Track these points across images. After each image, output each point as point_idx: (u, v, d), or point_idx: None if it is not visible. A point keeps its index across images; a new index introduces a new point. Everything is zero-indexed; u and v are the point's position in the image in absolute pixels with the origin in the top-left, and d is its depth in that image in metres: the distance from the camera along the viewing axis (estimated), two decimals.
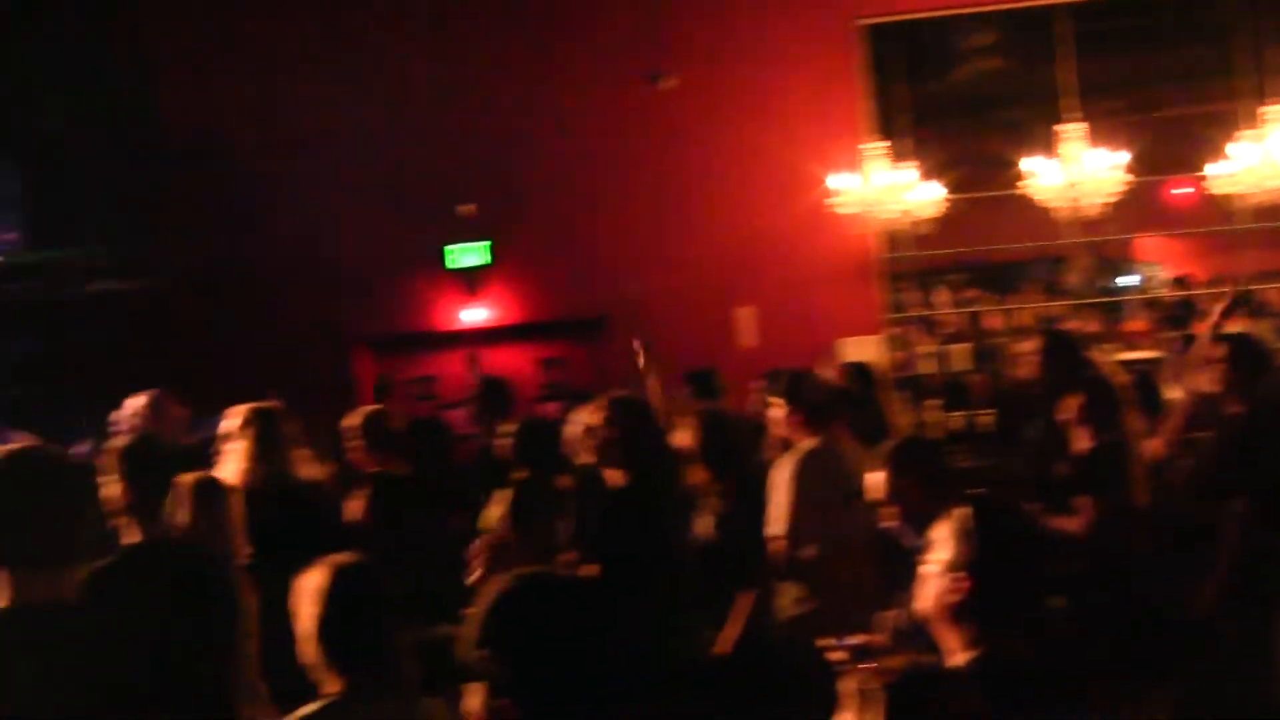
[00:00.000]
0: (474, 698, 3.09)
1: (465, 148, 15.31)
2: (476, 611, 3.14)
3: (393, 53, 15.55)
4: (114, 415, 9.21)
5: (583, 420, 7.49)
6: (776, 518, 7.53)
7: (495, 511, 5.98)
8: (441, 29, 15.59)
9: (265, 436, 7.28)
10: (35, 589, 4.02)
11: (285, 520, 5.49)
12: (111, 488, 5.79)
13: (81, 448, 9.29)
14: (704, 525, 7.27)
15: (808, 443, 7.87)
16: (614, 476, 7.19)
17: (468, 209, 15.43)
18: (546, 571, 3.42)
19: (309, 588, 4.34)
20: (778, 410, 8.25)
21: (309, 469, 7.51)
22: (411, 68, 15.46)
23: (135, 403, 8.93)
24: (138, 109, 15.28)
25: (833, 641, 4.22)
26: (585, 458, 7.41)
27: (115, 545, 5.67)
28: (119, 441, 6.30)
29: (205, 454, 7.51)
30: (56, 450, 4.69)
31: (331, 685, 4.26)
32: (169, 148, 15.43)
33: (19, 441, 9.04)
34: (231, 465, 7.20)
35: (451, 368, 15.56)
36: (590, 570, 5.95)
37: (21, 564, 4.03)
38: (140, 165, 15.17)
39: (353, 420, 8.50)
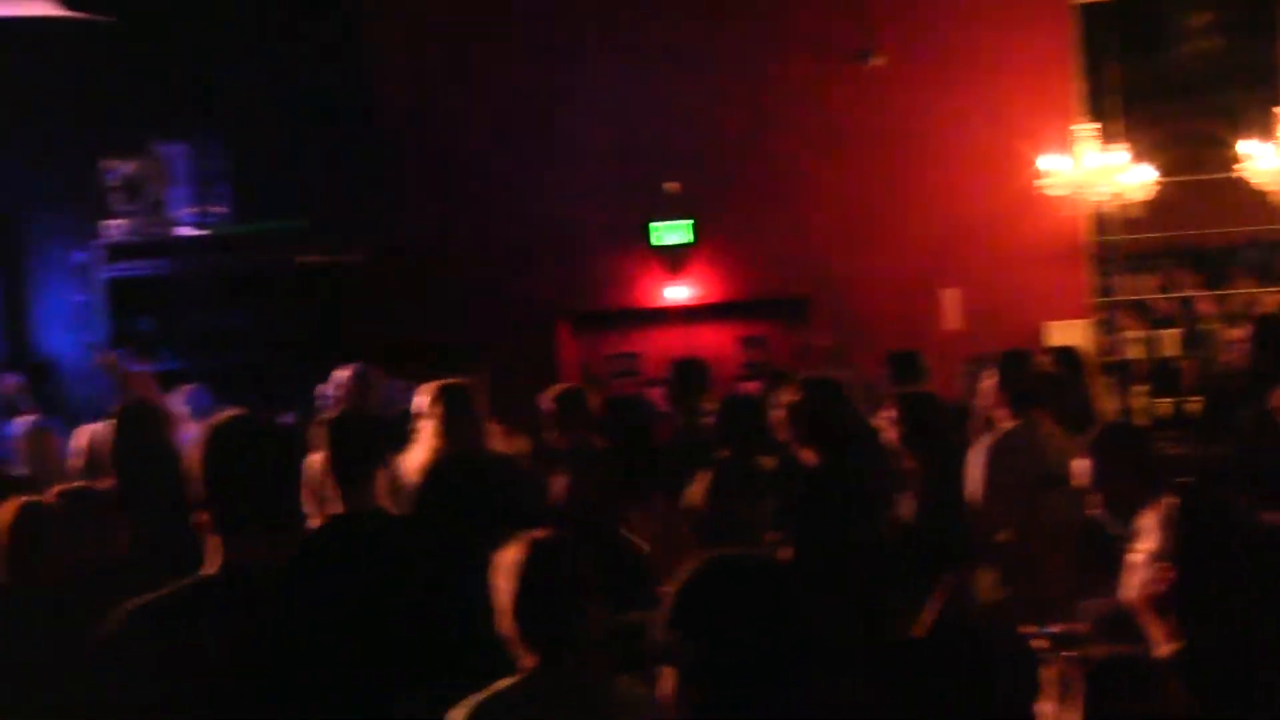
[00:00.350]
0: (666, 681, 3.10)
1: (671, 125, 15.34)
2: (669, 592, 3.15)
3: (601, 30, 15.60)
4: (320, 388, 9.35)
5: (782, 401, 7.48)
6: (970, 500, 7.47)
7: (696, 490, 5.98)
8: (649, 7, 15.60)
9: (453, 413, 7.31)
10: (245, 554, 4.07)
11: (472, 496, 5.52)
12: (318, 459, 5.88)
13: (287, 419, 9.46)
14: (906, 507, 7.23)
15: (1006, 424, 7.79)
16: (809, 457, 7.18)
17: (673, 187, 15.45)
18: (738, 553, 3.41)
19: (505, 563, 4.37)
20: (989, 383, 8.17)
21: (501, 444, 7.53)
22: (619, 45, 15.50)
23: (341, 375, 9.05)
24: (347, 81, 15.48)
25: (1034, 628, 4.17)
26: (786, 437, 7.41)
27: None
28: (325, 414, 6.40)
29: (409, 427, 7.57)
30: (265, 417, 4.77)
31: (526, 661, 4.29)
32: (378, 121, 15.62)
33: (227, 413, 9.25)
34: (422, 442, 7.26)
35: (653, 345, 15.60)
36: (787, 552, 5.93)
37: (232, 529, 4.09)
38: (349, 138, 15.38)
39: (548, 398, 8.52)
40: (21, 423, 9.79)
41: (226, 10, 15.31)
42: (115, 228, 15.09)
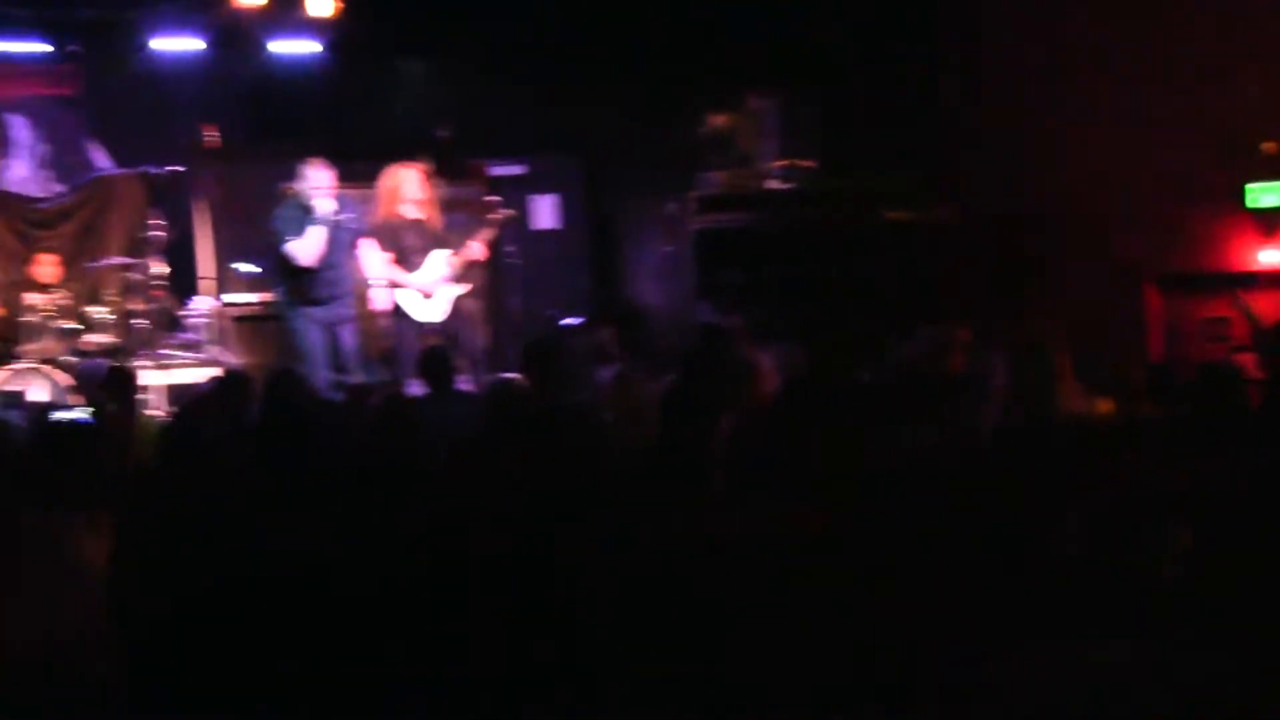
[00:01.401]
0: None
1: (1270, 83, 14.80)
2: None
3: None
4: (903, 346, 9.41)
5: None
6: None
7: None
8: None
9: (1029, 372, 7.23)
10: (782, 519, 4.15)
11: (1035, 459, 5.48)
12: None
13: (862, 374, 9.55)
14: None
15: None
16: None
17: (1270, 147, 14.95)
18: None
19: None
20: None
21: (1081, 406, 7.42)
22: (1213, 2, 15.07)
23: (922, 335, 9.09)
24: (930, 37, 15.54)
25: None
26: None
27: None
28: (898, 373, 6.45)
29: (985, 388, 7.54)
30: (843, 376, 4.84)
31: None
32: (967, 81, 15.62)
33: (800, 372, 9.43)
34: (993, 403, 7.21)
35: None
36: None
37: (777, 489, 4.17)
38: (939, 96, 15.44)
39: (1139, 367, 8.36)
40: (610, 370, 10.18)
41: None
42: (706, 180, 15.45)
